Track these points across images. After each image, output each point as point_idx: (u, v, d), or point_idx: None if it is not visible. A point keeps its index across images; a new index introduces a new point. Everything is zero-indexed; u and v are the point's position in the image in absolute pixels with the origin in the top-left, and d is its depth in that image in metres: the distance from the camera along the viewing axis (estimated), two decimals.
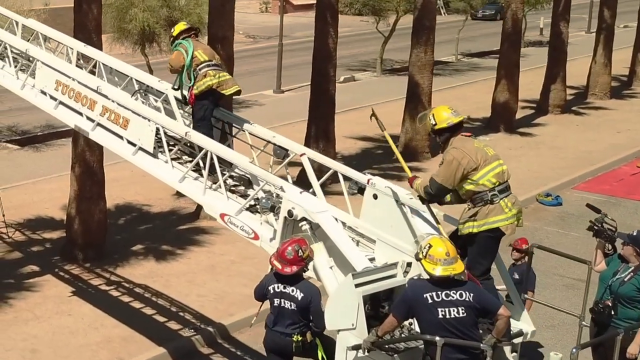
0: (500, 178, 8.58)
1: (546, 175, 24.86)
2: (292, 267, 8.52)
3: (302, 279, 8.70)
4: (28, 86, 13.09)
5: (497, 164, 8.68)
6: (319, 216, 9.02)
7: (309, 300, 8.55)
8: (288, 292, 8.63)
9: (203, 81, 11.38)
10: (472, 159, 8.53)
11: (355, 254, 8.62)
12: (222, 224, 10.30)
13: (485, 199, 8.52)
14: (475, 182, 8.55)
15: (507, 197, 8.65)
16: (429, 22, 25.95)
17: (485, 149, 8.77)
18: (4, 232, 19.85)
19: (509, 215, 8.61)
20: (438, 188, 8.59)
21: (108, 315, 15.98)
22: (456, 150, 8.62)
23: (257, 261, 18.41)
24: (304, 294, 8.57)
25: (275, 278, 8.70)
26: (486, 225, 8.54)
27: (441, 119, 8.84)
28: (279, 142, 10.70)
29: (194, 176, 10.75)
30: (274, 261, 8.55)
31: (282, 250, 8.51)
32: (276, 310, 8.76)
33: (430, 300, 7.48)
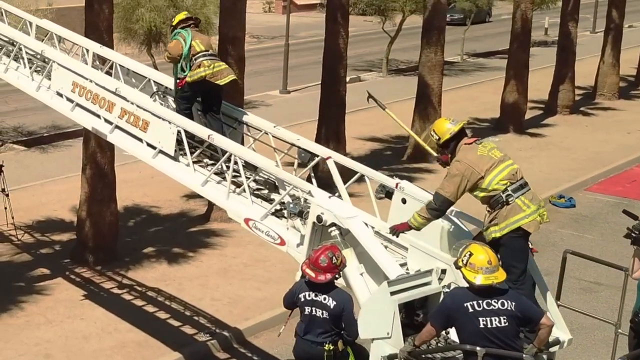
0: (511, 178, 8.44)
1: (558, 176, 24.67)
2: (326, 274, 8.29)
3: (334, 287, 8.46)
4: (43, 88, 12.89)
5: (504, 165, 8.52)
6: (350, 222, 8.81)
7: (342, 309, 8.31)
8: (320, 301, 8.39)
9: (197, 71, 11.39)
10: (476, 170, 8.39)
11: (388, 261, 8.41)
12: (247, 229, 10.07)
13: (500, 201, 8.38)
14: (486, 189, 8.42)
15: (524, 194, 8.50)
16: (439, 22, 25.73)
17: (490, 153, 8.58)
18: (13, 234, 19.66)
19: (528, 212, 8.45)
20: (443, 202, 8.46)
21: (121, 319, 15.77)
22: (459, 164, 8.49)
23: (269, 264, 18.31)
24: (336, 302, 8.33)
25: (307, 286, 8.45)
26: (508, 227, 8.39)
27: (443, 131, 8.75)
28: (304, 145, 10.49)
29: (217, 180, 10.54)
30: (306, 269, 8.29)
31: (316, 258, 8.27)
32: (307, 318, 8.52)
33: (471, 309, 7.28)
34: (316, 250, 8.38)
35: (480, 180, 8.40)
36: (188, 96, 11.54)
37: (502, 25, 56.59)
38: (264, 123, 11.30)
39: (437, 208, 8.46)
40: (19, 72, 13.40)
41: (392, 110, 9.97)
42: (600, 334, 14.93)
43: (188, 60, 11.44)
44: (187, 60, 11.44)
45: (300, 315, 8.70)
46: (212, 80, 11.44)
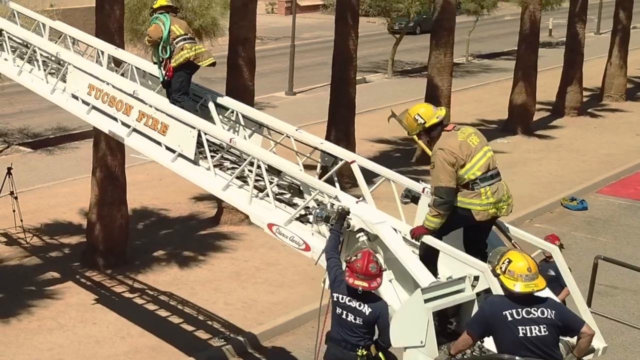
0: (484, 169, 8.44)
1: (569, 179, 24.50)
2: (377, 280, 8.07)
3: (370, 293, 8.23)
4: (58, 90, 12.67)
5: (481, 154, 8.48)
6: (379, 227, 8.63)
7: (377, 316, 8.09)
8: (354, 307, 8.13)
9: (180, 54, 11.62)
10: (459, 156, 8.36)
11: (420, 268, 8.23)
12: (270, 234, 9.85)
13: (467, 187, 8.45)
14: (461, 177, 8.42)
15: (490, 185, 8.47)
16: (449, 23, 25.57)
17: (469, 140, 8.53)
18: (21, 237, 19.50)
19: (484, 202, 8.43)
20: (446, 192, 8.35)
21: (134, 324, 15.61)
22: (443, 152, 8.40)
23: (281, 268, 18.16)
24: (372, 309, 8.10)
25: (346, 290, 8.18)
26: (460, 203, 8.45)
27: (429, 115, 8.68)
28: (327, 148, 10.29)
29: (238, 184, 10.35)
30: (355, 282, 7.99)
31: (365, 267, 7.96)
32: (337, 319, 8.24)
33: (510, 317, 7.10)
34: (358, 259, 8.07)
35: (460, 168, 8.40)
36: (180, 84, 11.70)
37: (506, 26, 56.55)
38: (285, 126, 11.10)
39: (444, 201, 8.37)
40: (33, 74, 13.18)
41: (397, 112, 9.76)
42: (617, 338, 14.80)
43: (168, 43, 11.70)
44: (167, 44, 11.70)
45: (332, 314, 8.43)
46: (195, 62, 11.72)
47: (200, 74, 12.84)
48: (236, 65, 20.11)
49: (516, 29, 54.92)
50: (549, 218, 21.62)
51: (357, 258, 8.12)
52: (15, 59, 13.49)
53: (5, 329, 15.33)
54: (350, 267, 8.15)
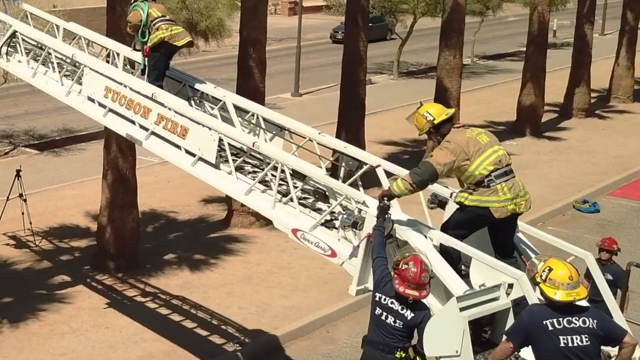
0: (496, 164, 8.37)
1: (580, 181, 24.34)
2: (428, 288, 7.85)
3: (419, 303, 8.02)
4: (74, 93, 12.50)
5: (491, 151, 8.42)
6: (409, 233, 8.46)
7: (419, 322, 7.86)
8: (397, 310, 7.88)
9: (156, 34, 11.87)
10: (465, 150, 8.30)
11: (452, 276, 8.04)
12: (294, 240, 9.66)
13: (483, 184, 8.37)
14: (471, 174, 8.34)
15: (506, 181, 8.41)
16: (458, 24, 25.40)
17: (478, 137, 8.49)
18: (30, 240, 19.32)
19: (502, 199, 8.35)
20: (429, 168, 8.25)
21: (147, 328, 15.43)
22: (449, 143, 8.38)
23: (294, 272, 18.00)
24: (414, 314, 7.87)
25: (395, 295, 7.94)
26: (477, 202, 8.38)
27: (439, 112, 8.69)
28: (351, 152, 10.12)
29: (261, 188, 10.17)
30: (406, 290, 7.77)
31: (418, 276, 7.74)
32: (377, 321, 8.00)
33: (551, 327, 6.93)
34: (410, 268, 7.83)
35: (466, 163, 8.33)
36: (155, 62, 11.94)
37: (510, 27, 56.50)
38: (308, 130, 10.93)
39: (421, 175, 8.24)
40: (47, 76, 13.03)
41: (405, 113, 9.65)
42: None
43: (147, 27, 11.97)
44: (147, 28, 11.97)
45: (370, 314, 8.20)
46: (170, 42, 11.91)
47: (204, 74, 12.73)
48: (247, 66, 19.96)
49: (520, 30, 55.39)
50: (561, 221, 21.47)
51: (409, 266, 7.82)
52: (30, 61, 13.32)
53: (17, 334, 15.16)
54: (401, 275, 7.84)
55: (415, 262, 7.86)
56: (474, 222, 8.64)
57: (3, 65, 13.71)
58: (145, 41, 12.01)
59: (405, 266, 7.87)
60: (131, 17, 12.21)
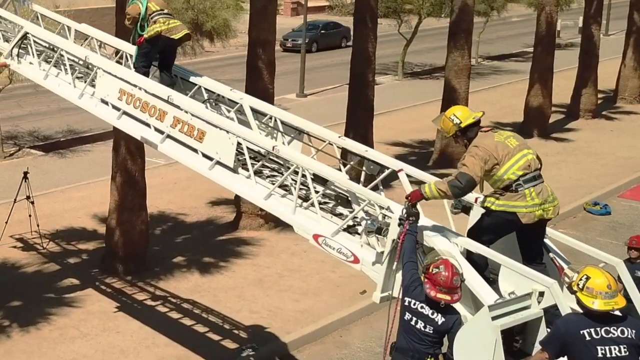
0: (525, 168, 8.24)
1: (590, 183, 24.17)
2: (459, 292, 7.69)
3: (450, 308, 7.85)
4: (87, 95, 12.29)
5: (520, 155, 8.29)
6: (435, 239, 8.28)
7: (450, 326, 7.68)
8: (427, 314, 7.70)
9: (152, 27, 11.86)
10: (493, 154, 8.18)
11: (482, 285, 7.87)
12: (315, 245, 9.48)
13: (510, 189, 8.26)
14: (500, 178, 8.24)
15: (534, 186, 8.28)
16: (466, 25, 25.26)
17: (507, 141, 8.34)
18: (38, 242, 19.15)
19: (529, 204, 8.23)
20: (468, 180, 8.12)
21: (158, 332, 15.27)
22: (477, 148, 8.25)
23: (305, 275, 17.84)
24: (445, 319, 7.69)
25: (425, 299, 7.77)
26: (504, 207, 8.25)
27: (466, 116, 8.59)
28: (372, 156, 9.93)
29: (281, 193, 9.99)
30: (437, 295, 7.60)
31: (450, 280, 7.57)
32: (406, 326, 7.81)
33: (589, 337, 6.77)
34: (441, 272, 7.66)
35: (495, 167, 8.21)
36: (146, 52, 11.97)
37: (514, 27, 56.38)
38: (327, 133, 10.73)
39: (461, 187, 8.12)
40: (59, 78, 12.82)
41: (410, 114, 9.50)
42: None
43: (145, 20, 11.95)
44: (145, 21, 11.95)
45: (400, 320, 8.02)
46: (167, 35, 11.89)
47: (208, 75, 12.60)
48: (256, 67, 19.78)
49: (523, 30, 55.31)
50: (572, 223, 21.30)
51: (440, 270, 7.67)
52: (41, 63, 13.12)
53: (26, 338, 15.00)
54: (431, 279, 7.68)
55: (446, 266, 7.71)
56: (501, 228, 8.49)
57: (14, 67, 13.50)
58: (143, 34, 12.00)
59: (436, 270, 7.73)
60: (130, 10, 12.21)
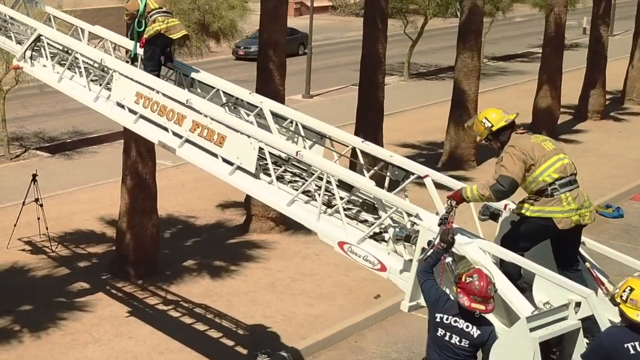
0: (561, 172, 8.13)
1: (601, 185, 23.98)
2: (493, 301, 7.50)
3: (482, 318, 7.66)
4: (102, 98, 12.13)
5: (556, 158, 8.18)
6: (467, 248, 8.10)
7: (486, 339, 7.50)
8: (461, 328, 7.51)
9: (152, 26, 12.03)
10: (530, 155, 8.07)
11: (517, 296, 7.67)
12: (341, 253, 9.30)
13: (545, 193, 8.12)
14: (535, 180, 8.12)
15: (570, 191, 8.15)
16: (476, 26, 25.10)
17: (543, 144, 8.25)
18: (46, 245, 18.96)
19: (566, 209, 8.10)
20: (510, 183, 8.03)
21: (171, 338, 15.08)
22: (514, 148, 8.13)
23: (318, 279, 17.67)
24: (480, 331, 7.50)
25: (458, 311, 7.57)
26: (540, 213, 8.11)
27: (498, 119, 8.43)
28: (397, 162, 9.75)
29: (304, 199, 9.81)
30: (472, 304, 7.40)
31: (485, 288, 7.39)
32: (439, 342, 7.60)
33: (633, 350, 6.61)
34: (475, 281, 7.47)
35: (532, 167, 8.10)
36: (151, 54, 12.14)
37: (518, 27, 56.21)
38: (351, 138, 10.59)
39: (505, 190, 8.02)
40: (73, 81, 12.65)
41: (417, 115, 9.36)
42: None
43: (144, 17, 12.12)
44: (143, 18, 12.13)
45: (429, 334, 7.82)
46: (166, 34, 12.06)
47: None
48: (267, 69, 19.59)
49: (528, 31, 55.18)
50: None
51: (474, 279, 7.50)
52: (55, 65, 12.94)
53: (38, 344, 14.83)
54: (465, 288, 7.49)
55: (479, 275, 7.55)
56: (536, 234, 8.35)
57: (27, 70, 13.34)
58: (141, 31, 12.17)
59: (469, 279, 7.56)
60: (129, 6, 12.33)
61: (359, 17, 60.95)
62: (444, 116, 29.09)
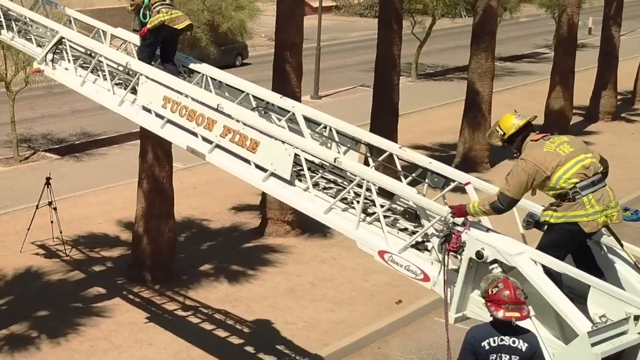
0: (581, 174, 8.02)
1: (616, 187, 23.02)
2: (526, 307, 7.28)
3: (518, 326, 7.44)
4: (127, 102, 11.88)
5: (574, 162, 8.04)
6: (518, 259, 7.85)
7: (534, 351, 7.29)
8: (508, 345, 7.27)
9: (156, 17, 11.99)
10: (541, 169, 7.98)
11: (573, 310, 7.43)
12: (381, 262, 9.08)
13: (567, 197, 8.05)
14: (553, 188, 8.05)
15: (593, 192, 8.05)
16: (490, 27, 24.89)
17: (558, 149, 8.12)
18: (60, 249, 18.72)
19: (590, 212, 8.00)
20: (509, 202, 8.10)
21: (192, 345, 14.86)
22: (524, 162, 8.07)
23: (337, 283, 17.47)
24: (528, 343, 7.26)
25: (494, 328, 7.35)
26: (564, 219, 8.06)
27: (508, 126, 8.55)
28: (437, 168, 9.51)
29: (341, 207, 9.57)
30: (506, 313, 7.19)
31: (514, 294, 7.19)
32: None
33: None
34: (502, 289, 7.27)
35: (547, 180, 8.02)
36: (150, 43, 12.16)
37: (523, 28, 56.01)
38: (388, 144, 10.35)
39: (503, 209, 8.18)
40: (97, 85, 12.40)
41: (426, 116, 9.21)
42: None
43: (148, 9, 12.09)
44: (148, 10, 12.10)
45: None
46: (170, 25, 12.00)
47: None
48: (283, 70, 19.38)
49: (533, 31, 55.02)
50: None
51: (500, 288, 7.33)
52: (77, 69, 12.69)
53: (57, 350, 14.60)
54: (494, 299, 7.30)
55: (504, 283, 7.40)
56: (566, 241, 8.23)
57: (49, 73, 13.07)
58: (145, 22, 12.10)
59: (495, 289, 7.40)
60: None
61: (363, 17, 60.89)
62: (454, 117, 28.88)
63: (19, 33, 13.94)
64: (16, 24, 13.94)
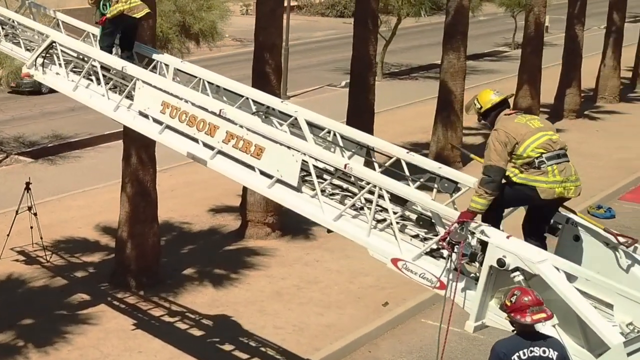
0: (547, 147, 8.34)
1: (589, 185, 23.65)
2: (546, 307, 7.32)
3: (542, 333, 7.47)
4: (123, 107, 11.73)
5: (542, 134, 8.37)
6: (540, 266, 7.85)
7: (564, 356, 7.32)
8: (539, 355, 7.27)
9: (115, 6, 12.17)
10: (512, 136, 8.34)
11: (602, 322, 7.45)
12: (394, 269, 9.06)
13: (533, 166, 8.37)
14: (520, 156, 8.34)
15: (557, 164, 8.38)
16: (462, 27, 25.06)
17: (528, 122, 8.52)
18: (40, 255, 18.49)
19: (550, 180, 8.32)
20: (496, 171, 8.34)
21: (182, 351, 14.73)
22: (497, 132, 8.45)
23: (323, 286, 17.46)
24: (557, 352, 7.28)
25: (523, 338, 7.37)
26: (525, 180, 8.40)
27: (485, 101, 8.90)
28: (447, 173, 9.52)
29: (351, 214, 9.55)
30: (534, 317, 7.19)
31: (535, 298, 7.23)
32: None
33: None
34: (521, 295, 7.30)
35: (516, 146, 8.33)
36: (109, 32, 12.41)
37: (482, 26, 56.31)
38: (394, 148, 10.36)
39: (491, 179, 8.33)
40: (90, 90, 12.24)
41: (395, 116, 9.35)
42: None
43: (108, 0, 12.30)
44: (108, 1, 12.30)
45: None
46: (129, 14, 12.19)
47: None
48: (263, 72, 19.32)
49: (491, 30, 55.44)
50: None
51: (518, 295, 7.41)
52: (69, 73, 12.51)
53: None
54: (517, 307, 7.34)
55: (520, 290, 7.52)
56: (519, 200, 8.70)
57: (39, 78, 12.88)
58: (105, 13, 12.28)
59: (513, 298, 7.48)
60: None
61: (324, 17, 60.89)
62: (423, 116, 29.03)
63: (5, 37, 13.72)
64: (3, 28, 13.72)
